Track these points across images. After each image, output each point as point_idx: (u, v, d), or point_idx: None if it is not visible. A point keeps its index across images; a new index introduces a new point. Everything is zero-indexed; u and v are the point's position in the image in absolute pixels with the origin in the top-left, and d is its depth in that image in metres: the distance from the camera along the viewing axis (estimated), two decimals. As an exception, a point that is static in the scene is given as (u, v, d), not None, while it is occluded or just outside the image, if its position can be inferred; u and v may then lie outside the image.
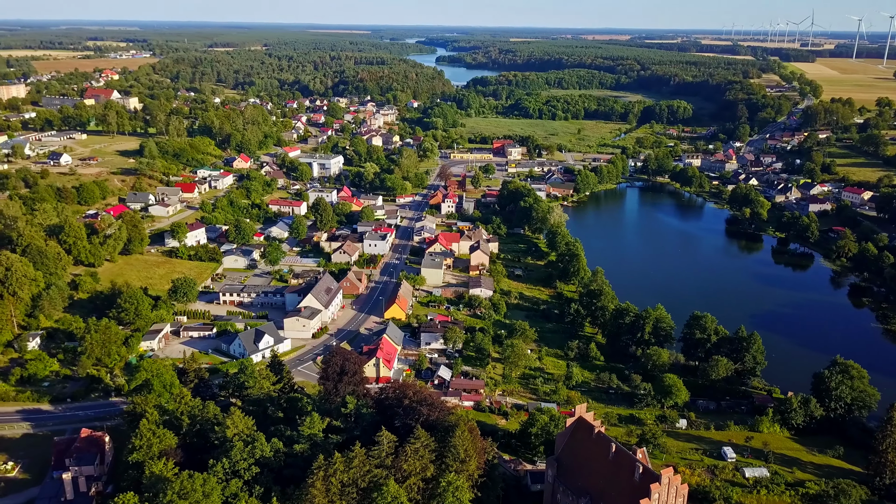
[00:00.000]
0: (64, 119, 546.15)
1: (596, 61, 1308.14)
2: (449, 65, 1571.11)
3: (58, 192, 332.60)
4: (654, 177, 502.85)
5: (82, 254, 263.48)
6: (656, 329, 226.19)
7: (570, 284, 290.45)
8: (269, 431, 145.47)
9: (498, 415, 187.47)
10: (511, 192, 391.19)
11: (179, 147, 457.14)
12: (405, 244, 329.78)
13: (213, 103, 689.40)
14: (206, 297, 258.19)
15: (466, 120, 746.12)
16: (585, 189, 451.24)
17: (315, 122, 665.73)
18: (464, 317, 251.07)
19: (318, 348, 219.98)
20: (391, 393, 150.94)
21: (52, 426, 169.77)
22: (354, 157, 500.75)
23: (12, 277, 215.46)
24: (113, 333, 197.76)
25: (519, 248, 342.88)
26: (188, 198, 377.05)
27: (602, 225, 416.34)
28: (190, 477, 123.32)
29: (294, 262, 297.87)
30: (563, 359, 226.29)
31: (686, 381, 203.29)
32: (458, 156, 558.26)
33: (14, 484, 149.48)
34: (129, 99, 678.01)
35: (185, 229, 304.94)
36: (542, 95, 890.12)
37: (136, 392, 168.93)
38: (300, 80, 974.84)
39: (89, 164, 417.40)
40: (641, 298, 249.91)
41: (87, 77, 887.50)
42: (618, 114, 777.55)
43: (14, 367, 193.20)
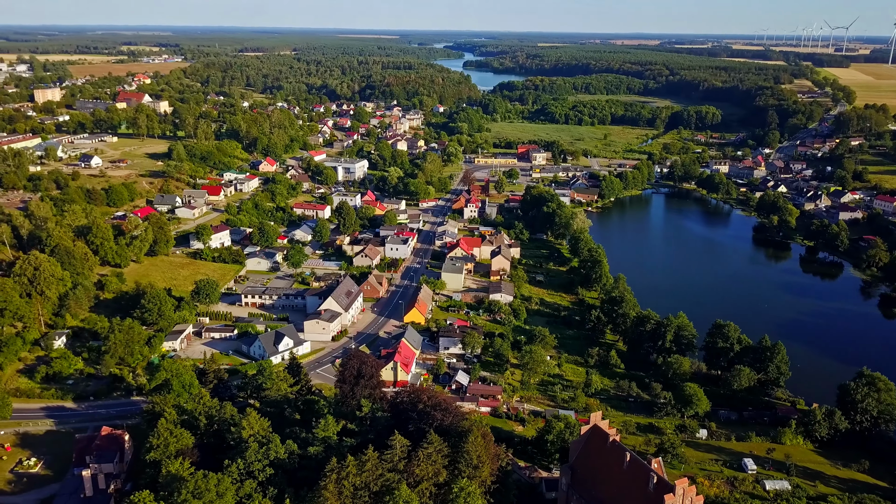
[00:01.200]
0: (96, 122, 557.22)
1: (624, 66, 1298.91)
2: (476, 69, 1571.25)
3: (87, 194, 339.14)
4: (681, 183, 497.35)
5: (109, 254, 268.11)
6: (678, 337, 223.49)
7: (592, 291, 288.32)
8: (285, 433, 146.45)
9: (515, 421, 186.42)
10: (534, 198, 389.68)
11: (207, 150, 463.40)
12: (427, 248, 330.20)
13: (242, 107, 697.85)
14: (228, 298, 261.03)
15: (492, 125, 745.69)
16: (610, 195, 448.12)
17: (341, 127, 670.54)
18: (483, 322, 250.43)
19: (337, 351, 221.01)
20: (406, 397, 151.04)
21: (75, 423, 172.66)
22: (379, 162, 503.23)
23: (40, 277, 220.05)
24: (136, 333, 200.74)
25: (541, 253, 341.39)
26: (214, 200, 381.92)
27: (626, 231, 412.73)
28: (204, 477, 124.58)
29: (316, 265, 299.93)
30: (582, 366, 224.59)
31: (707, 390, 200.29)
32: (483, 160, 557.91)
33: (36, 480, 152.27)
34: (159, 102, 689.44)
35: (210, 231, 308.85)
36: (568, 100, 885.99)
37: (155, 391, 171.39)
38: (327, 85, 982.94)
39: (119, 166, 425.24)
40: (663, 306, 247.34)
41: (119, 81, 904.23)
42: (645, 119, 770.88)
43: (40, 364, 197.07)
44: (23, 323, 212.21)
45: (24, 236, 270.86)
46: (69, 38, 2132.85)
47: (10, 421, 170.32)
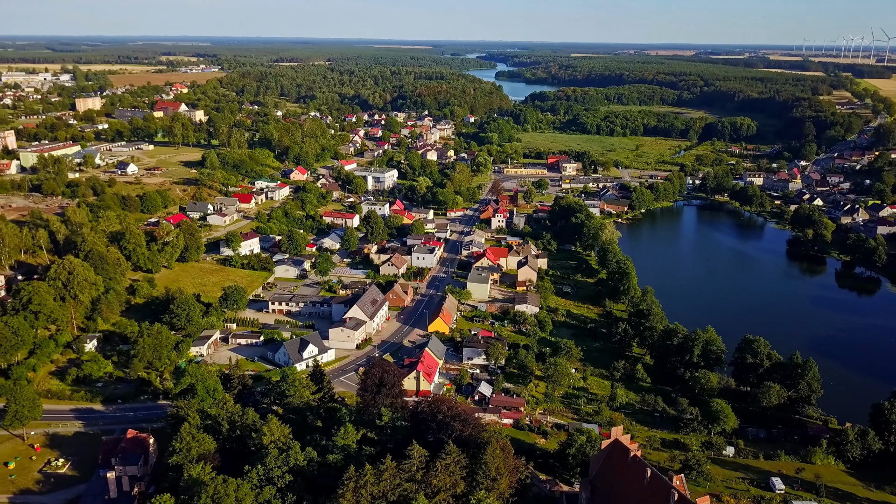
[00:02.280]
0: (133, 130, 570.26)
1: (658, 77, 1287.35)
2: (508, 80, 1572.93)
3: (122, 201, 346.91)
4: (713, 195, 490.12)
5: (141, 260, 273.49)
6: (706, 352, 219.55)
7: (620, 303, 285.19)
8: (305, 440, 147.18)
9: (537, 434, 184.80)
10: (563, 208, 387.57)
11: (239, 158, 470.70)
12: (453, 258, 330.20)
13: (275, 116, 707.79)
14: (255, 305, 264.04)
15: (523, 135, 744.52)
16: (641, 206, 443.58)
17: (372, 136, 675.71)
18: (508, 333, 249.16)
19: (361, 359, 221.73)
20: (426, 407, 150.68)
21: (102, 426, 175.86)
22: (408, 171, 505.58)
23: (74, 281, 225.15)
24: (164, 338, 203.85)
25: (569, 264, 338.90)
26: (245, 208, 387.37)
27: (656, 243, 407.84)
28: (224, 482, 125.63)
29: (343, 273, 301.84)
30: (608, 379, 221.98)
31: (736, 406, 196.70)
32: (512, 170, 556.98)
33: (64, 480, 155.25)
34: (195, 112, 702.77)
35: (240, 238, 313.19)
36: (600, 111, 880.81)
37: (180, 396, 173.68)
38: (360, 95, 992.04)
39: (154, 173, 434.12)
40: (692, 319, 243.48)
41: (158, 90, 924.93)
42: (678, 130, 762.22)
43: (71, 367, 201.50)
44: (56, 326, 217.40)
45: (60, 241, 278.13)
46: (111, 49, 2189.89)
47: (40, 422, 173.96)
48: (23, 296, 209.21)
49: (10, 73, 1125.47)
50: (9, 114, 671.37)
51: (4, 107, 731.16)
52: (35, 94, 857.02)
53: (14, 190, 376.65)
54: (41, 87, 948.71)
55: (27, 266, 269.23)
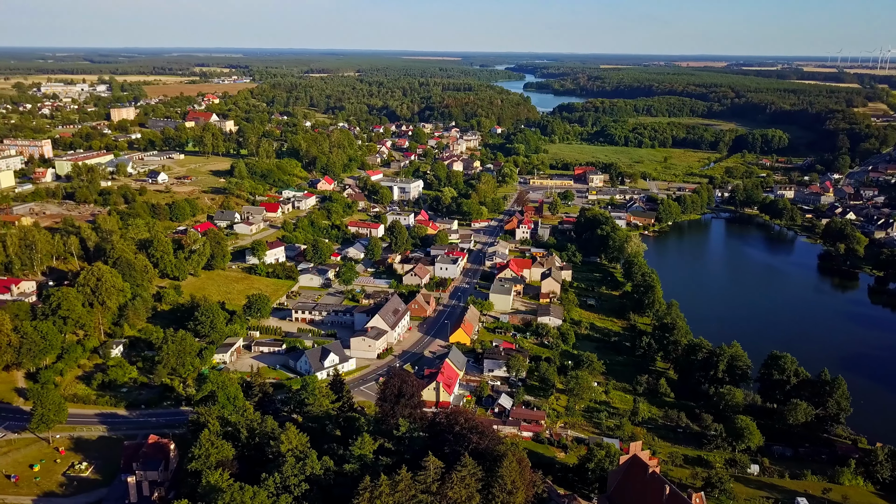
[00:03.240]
0: (165, 140, 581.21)
1: (688, 88, 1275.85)
2: (536, 91, 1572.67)
3: (152, 209, 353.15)
4: (742, 208, 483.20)
5: (168, 267, 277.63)
6: (731, 367, 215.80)
7: (645, 317, 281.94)
8: (323, 449, 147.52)
9: (557, 447, 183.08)
10: (589, 220, 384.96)
11: (267, 168, 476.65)
12: (476, 269, 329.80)
13: (304, 127, 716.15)
14: (279, 313, 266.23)
15: (550, 146, 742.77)
16: (668, 219, 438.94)
17: (399, 147, 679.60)
18: (530, 345, 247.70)
19: (382, 369, 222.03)
20: (443, 418, 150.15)
21: (126, 430, 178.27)
22: (434, 182, 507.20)
23: (102, 287, 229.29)
24: (188, 345, 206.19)
25: (593, 277, 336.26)
26: (272, 217, 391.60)
27: (682, 256, 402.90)
28: (241, 489, 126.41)
29: (367, 283, 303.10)
30: (630, 393, 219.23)
31: (761, 424, 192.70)
32: (538, 182, 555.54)
33: (86, 483, 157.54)
34: (226, 122, 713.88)
35: (265, 247, 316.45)
36: (628, 122, 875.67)
37: (202, 402, 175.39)
38: (388, 106, 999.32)
39: (184, 182, 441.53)
40: (717, 334, 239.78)
41: (190, 101, 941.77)
42: (707, 142, 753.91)
43: (97, 372, 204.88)
44: (84, 331, 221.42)
45: (90, 248, 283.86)
46: (147, 60, 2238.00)
47: (66, 425, 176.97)
48: (52, 301, 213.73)
49: (49, 84, 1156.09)
50: (46, 123, 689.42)
51: (43, 116, 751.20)
52: (72, 105, 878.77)
53: (49, 197, 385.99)
54: (78, 98, 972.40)
55: (58, 272, 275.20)
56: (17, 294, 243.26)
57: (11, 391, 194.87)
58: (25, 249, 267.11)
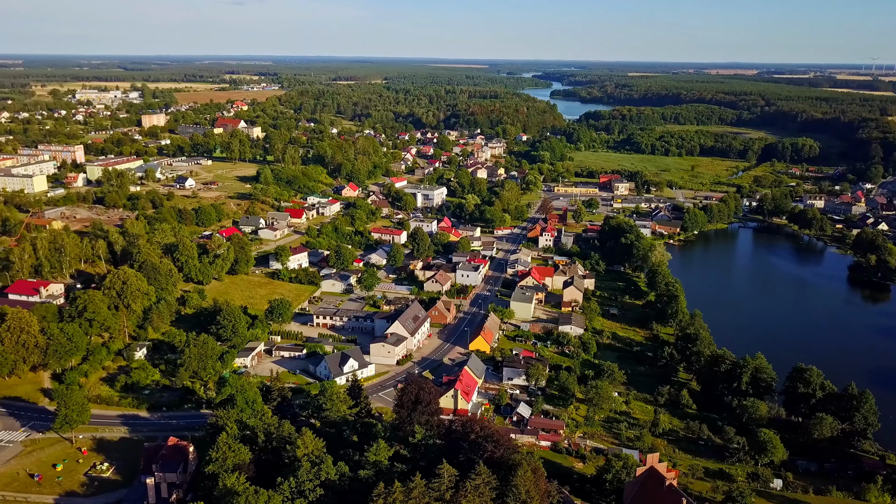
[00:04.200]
0: (194, 146, 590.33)
1: (717, 96, 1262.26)
2: (563, 99, 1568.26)
3: (179, 214, 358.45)
4: (770, 217, 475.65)
5: (192, 272, 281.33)
6: (755, 379, 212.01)
7: (668, 327, 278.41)
8: (338, 454, 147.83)
9: (575, 457, 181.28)
10: (613, 228, 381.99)
11: (293, 174, 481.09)
12: (498, 276, 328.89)
13: (330, 133, 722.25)
14: (301, 318, 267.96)
15: (575, 154, 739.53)
16: (693, 228, 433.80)
17: (424, 154, 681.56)
18: (551, 354, 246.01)
19: (401, 375, 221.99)
20: (458, 426, 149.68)
21: (147, 432, 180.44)
22: (458, 189, 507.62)
23: (127, 291, 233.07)
24: (210, 348, 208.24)
25: (617, 286, 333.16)
26: (296, 223, 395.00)
27: (707, 266, 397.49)
28: (255, 493, 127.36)
29: (388, 289, 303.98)
30: (651, 404, 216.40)
31: (786, 437, 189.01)
32: (563, 189, 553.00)
33: (107, 484, 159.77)
34: (253, 128, 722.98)
35: (289, 252, 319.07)
36: (655, 130, 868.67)
37: (221, 406, 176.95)
38: (414, 113, 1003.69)
39: (210, 188, 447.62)
40: (741, 346, 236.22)
41: (219, 108, 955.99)
42: (736, 151, 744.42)
43: (121, 374, 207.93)
44: (109, 333, 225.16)
45: (118, 252, 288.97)
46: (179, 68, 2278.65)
47: (88, 426, 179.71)
48: (78, 304, 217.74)
49: (83, 91, 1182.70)
50: (79, 129, 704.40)
51: (76, 123, 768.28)
52: (105, 111, 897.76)
53: (79, 202, 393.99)
54: (111, 104, 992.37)
55: (86, 275, 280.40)
56: (45, 296, 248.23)
57: (37, 391, 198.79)
58: (55, 252, 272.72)
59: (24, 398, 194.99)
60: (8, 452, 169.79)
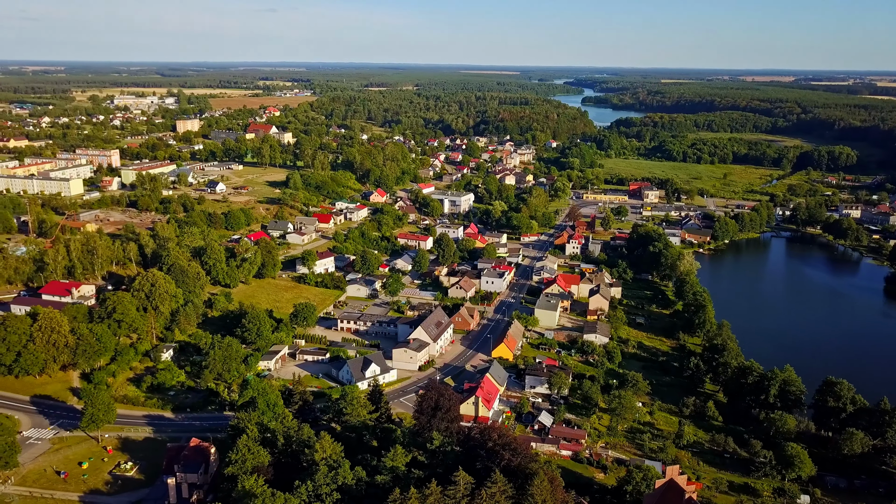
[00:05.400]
0: (226, 151, 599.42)
1: (752, 103, 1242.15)
2: (594, 106, 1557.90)
3: (209, 217, 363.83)
4: (804, 227, 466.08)
5: (220, 275, 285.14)
6: (783, 392, 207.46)
7: (695, 337, 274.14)
8: (357, 459, 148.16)
9: (597, 468, 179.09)
10: (641, 236, 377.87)
11: (322, 180, 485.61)
12: (523, 283, 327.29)
13: (360, 139, 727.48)
14: (325, 322, 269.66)
15: (605, 161, 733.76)
16: (724, 237, 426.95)
17: (452, 161, 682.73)
18: (574, 363, 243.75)
19: (422, 381, 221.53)
20: (476, 433, 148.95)
21: (171, 433, 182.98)
22: (485, 195, 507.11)
23: (156, 293, 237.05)
24: (234, 351, 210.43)
25: (644, 294, 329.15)
26: (323, 228, 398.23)
27: (737, 275, 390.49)
28: (273, 496, 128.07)
29: (412, 294, 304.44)
30: (676, 415, 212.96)
31: (814, 452, 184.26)
32: (592, 196, 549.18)
33: (130, 483, 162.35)
34: (284, 134, 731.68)
35: (315, 257, 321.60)
36: (688, 138, 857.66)
37: (243, 408, 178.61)
38: (444, 120, 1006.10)
39: (240, 192, 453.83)
40: (770, 357, 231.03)
41: (252, 113, 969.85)
42: (770, 159, 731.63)
43: (147, 374, 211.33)
44: (137, 335, 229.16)
45: (148, 254, 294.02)
46: (214, 74, 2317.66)
47: (114, 425, 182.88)
48: (108, 305, 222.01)
49: (121, 97, 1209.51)
50: (116, 134, 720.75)
51: (114, 128, 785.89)
52: (141, 116, 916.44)
53: (113, 205, 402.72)
54: (147, 110, 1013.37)
55: (117, 277, 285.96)
56: (77, 297, 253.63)
57: (66, 390, 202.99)
58: (87, 254, 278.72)
59: (54, 397, 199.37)
60: (37, 449, 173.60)
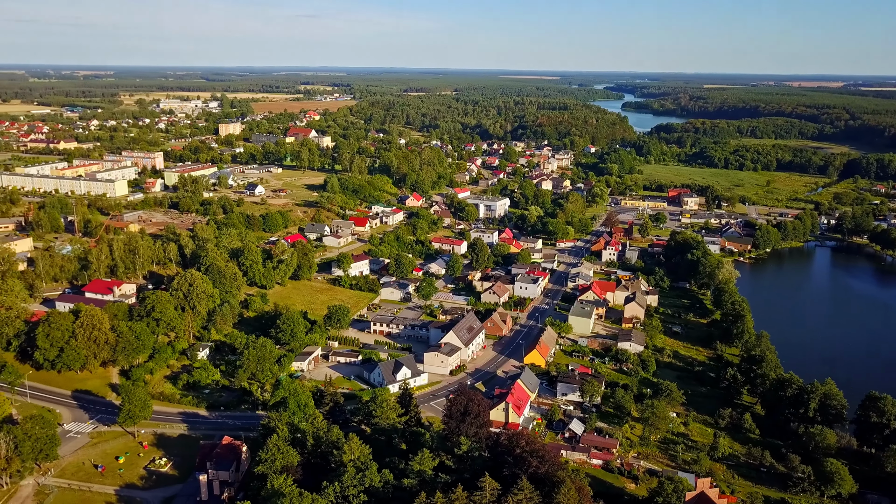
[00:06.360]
0: (265, 154, 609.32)
1: (798, 109, 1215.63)
2: (635, 111, 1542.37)
3: (247, 219, 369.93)
4: (850, 236, 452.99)
5: (256, 276, 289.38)
6: (824, 406, 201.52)
7: (733, 347, 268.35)
8: (384, 462, 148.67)
9: (628, 478, 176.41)
10: (679, 244, 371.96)
11: (359, 184, 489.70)
12: (558, 289, 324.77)
13: (398, 144, 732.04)
14: (358, 324, 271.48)
15: (644, 167, 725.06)
16: (766, 245, 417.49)
17: (489, 165, 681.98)
18: (608, 371, 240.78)
19: (453, 385, 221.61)
20: (504, 440, 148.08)
21: (204, 430, 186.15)
22: (521, 200, 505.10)
23: (193, 293, 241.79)
24: (268, 351, 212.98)
25: (681, 303, 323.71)
26: (359, 231, 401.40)
27: (779, 285, 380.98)
28: (300, 495, 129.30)
29: (445, 299, 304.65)
30: (711, 427, 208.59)
31: (855, 469, 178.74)
32: (630, 203, 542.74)
33: (164, 478, 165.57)
34: (323, 138, 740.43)
35: (350, 260, 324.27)
36: (730, 144, 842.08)
37: (273, 408, 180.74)
38: (481, 124, 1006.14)
39: (279, 195, 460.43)
40: (810, 370, 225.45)
41: (293, 117, 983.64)
42: (816, 166, 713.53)
43: (183, 372, 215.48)
44: (174, 333, 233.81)
45: (187, 255, 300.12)
46: (257, 78, 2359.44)
47: (150, 422, 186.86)
48: (147, 303, 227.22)
49: (167, 101, 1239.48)
50: (161, 137, 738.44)
51: (158, 131, 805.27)
52: (185, 120, 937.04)
53: (156, 206, 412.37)
54: (191, 114, 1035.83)
55: (157, 276, 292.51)
56: (118, 295, 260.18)
57: (106, 386, 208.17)
58: (129, 254, 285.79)
59: (94, 392, 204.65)
60: (76, 443, 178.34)
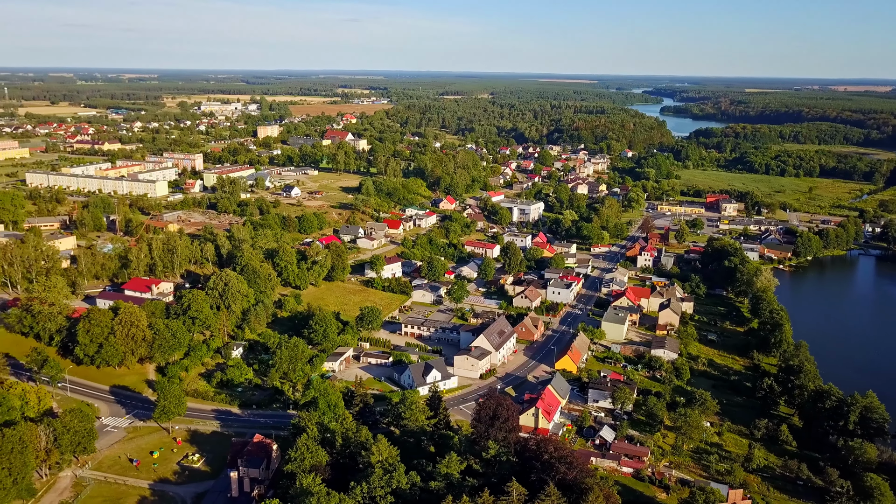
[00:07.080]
0: (302, 156, 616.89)
1: (842, 114, 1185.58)
2: (674, 115, 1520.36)
3: (283, 221, 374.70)
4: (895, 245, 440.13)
5: (291, 277, 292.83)
6: (864, 419, 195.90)
7: (770, 357, 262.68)
8: (412, 464, 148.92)
9: (659, 487, 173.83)
10: (716, 250, 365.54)
11: (393, 186, 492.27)
12: (591, 295, 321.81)
13: (433, 147, 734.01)
14: (390, 326, 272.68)
15: (682, 172, 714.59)
16: (807, 253, 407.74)
17: (524, 169, 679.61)
18: (641, 378, 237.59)
19: (483, 389, 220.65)
20: (533, 445, 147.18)
21: (236, 428, 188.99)
22: (556, 204, 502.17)
23: (229, 292, 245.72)
24: (300, 351, 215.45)
25: (717, 310, 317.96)
26: (393, 233, 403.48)
27: (819, 294, 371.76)
28: (328, 495, 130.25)
29: (477, 302, 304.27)
30: (746, 437, 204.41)
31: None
32: (667, 208, 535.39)
33: (196, 474, 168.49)
34: (359, 141, 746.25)
35: (383, 262, 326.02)
36: (771, 149, 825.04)
37: (304, 408, 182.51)
38: (517, 128, 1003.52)
39: (314, 197, 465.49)
40: (851, 382, 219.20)
41: (330, 120, 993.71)
42: (861, 172, 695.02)
43: (217, 371, 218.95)
44: (210, 332, 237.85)
45: (224, 255, 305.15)
46: (296, 82, 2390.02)
47: (184, 418, 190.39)
48: (183, 302, 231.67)
49: (207, 103, 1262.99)
50: (201, 138, 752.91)
51: (199, 132, 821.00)
52: (225, 122, 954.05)
53: (195, 206, 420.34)
54: (231, 116, 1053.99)
55: (194, 275, 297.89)
56: (156, 293, 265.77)
57: (143, 382, 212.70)
58: (167, 253, 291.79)
59: (131, 388, 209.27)
60: (113, 437, 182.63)
